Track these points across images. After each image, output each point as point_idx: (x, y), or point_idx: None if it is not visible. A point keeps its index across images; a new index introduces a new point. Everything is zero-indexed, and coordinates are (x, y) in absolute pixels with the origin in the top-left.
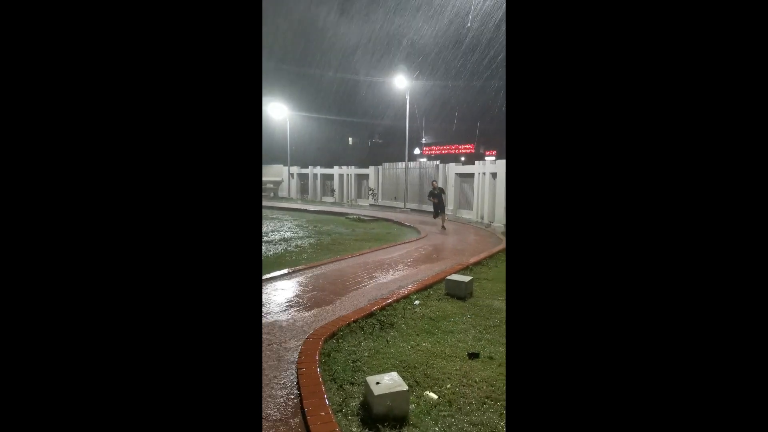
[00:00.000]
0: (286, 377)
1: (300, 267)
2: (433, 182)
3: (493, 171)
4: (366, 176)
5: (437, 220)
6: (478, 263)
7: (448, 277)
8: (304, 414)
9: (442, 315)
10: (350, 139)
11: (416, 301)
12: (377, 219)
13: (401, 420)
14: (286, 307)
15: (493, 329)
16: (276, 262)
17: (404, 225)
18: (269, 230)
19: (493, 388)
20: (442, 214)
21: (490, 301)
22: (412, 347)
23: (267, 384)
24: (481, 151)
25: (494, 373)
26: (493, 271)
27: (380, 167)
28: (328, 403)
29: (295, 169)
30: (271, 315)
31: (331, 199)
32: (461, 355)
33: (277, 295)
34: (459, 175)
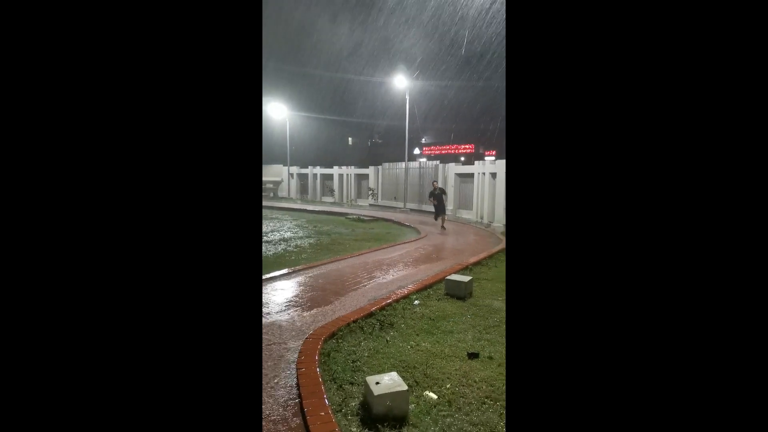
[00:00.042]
0: (286, 377)
1: (300, 267)
2: (434, 182)
3: (493, 171)
4: (366, 176)
5: (437, 221)
6: (478, 263)
7: (448, 277)
8: (304, 414)
9: (442, 315)
10: (350, 139)
11: (416, 301)
12: (377, 219)
13: (401, 420)
14: (285, 307)
15: (493, 329)
16: (276, 262)
17: (404, 225)
18: (269, 230)
19: (493, 388)
20: (442, 215)
21: (490, 301)
22: (411, 347)
23: (267, 384)
24: (481, 151)
25: (494, 373)
26: (493, 271)
27: (380, 167)
28: (327, 403)
29: (295, 169)
30: (270, 315)
31: (330, 199)
32: (461, 355)
33: (277, 295)
34: (459, 175)
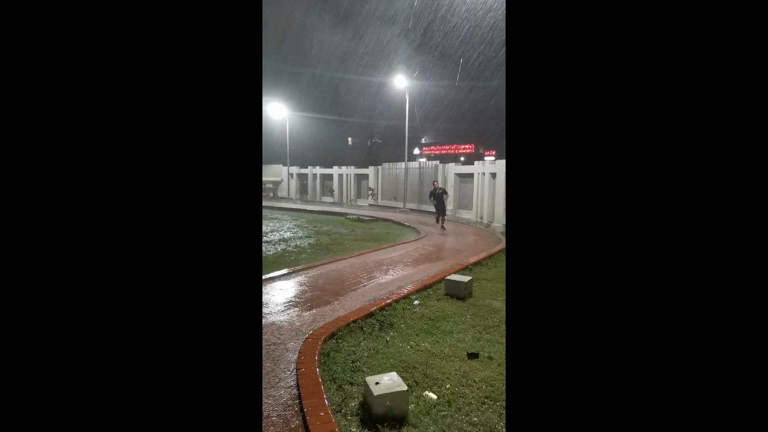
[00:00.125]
0: (286, 377)
1: (299, 267)
2: (434, 182)
3: (493, 171)
4: (365, 176)
5: (437, 222)
6: (478, 263)
7: (448, 277)
8: (304, 414)
9: (442, 315)
10: (350, 139)
11: (416, 301)
12: (377, 219)
13: (401, 420)
14: (285, 307)
15: (493, 329)
16: (275, 263)
17: (404, 225)
18: (269, 230)
19: (493, 388)
20: (442, 215)
21: (490, 301)
22: (411, 347)
23: (267, 384)
24: (481, 151)
25: (494, 373)
26: (493, 271)
27: (380, 167)
28: (327, 403)
29: (295, 169)
30: (270, 315)
31: (330, 199)
32: (460, 355)
33: (277, 296)
34: (458, 175)
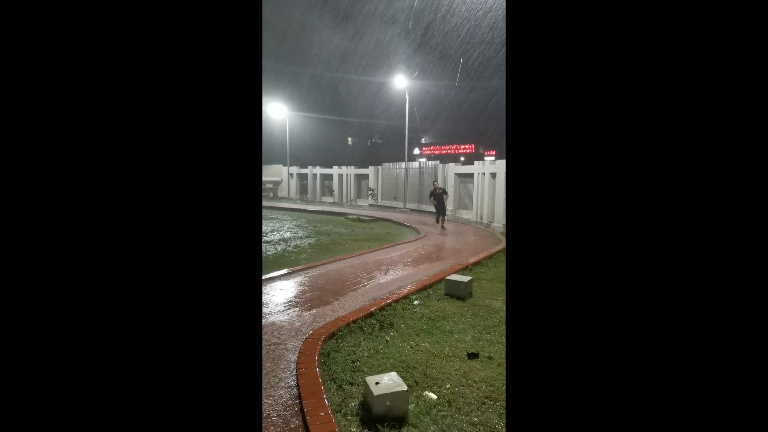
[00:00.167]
0: (286, 377)
1: (299, 267)
2: (434, 182)
3: (493, 171)
4: (365, 176)
5: (438, 223)
6: (478, 263)
7: (448, 277)
8: (304, 414)
9: (442, 315)
10: (350, 139)
11: (416, 301)
12: (377, 219)
13: (400, 420)
14: (285, 307)
15: (493, 329)
16: (275, 263)
17: (404, 225)
18: (269, 230)
19: (493, 388)
20: (442, 215)
21: (490, 301)
22: (411, 347)
23: (267, 384)
24: (481, 151)
25: (494, 373)
26: (493, 271)
27: (380, 167)
28: (327, 403)
29: (295, 169)
30: (270, 315)
31: (330, 199)
32: (460, 355)
33: (277, 296)
34: (458, 175)
